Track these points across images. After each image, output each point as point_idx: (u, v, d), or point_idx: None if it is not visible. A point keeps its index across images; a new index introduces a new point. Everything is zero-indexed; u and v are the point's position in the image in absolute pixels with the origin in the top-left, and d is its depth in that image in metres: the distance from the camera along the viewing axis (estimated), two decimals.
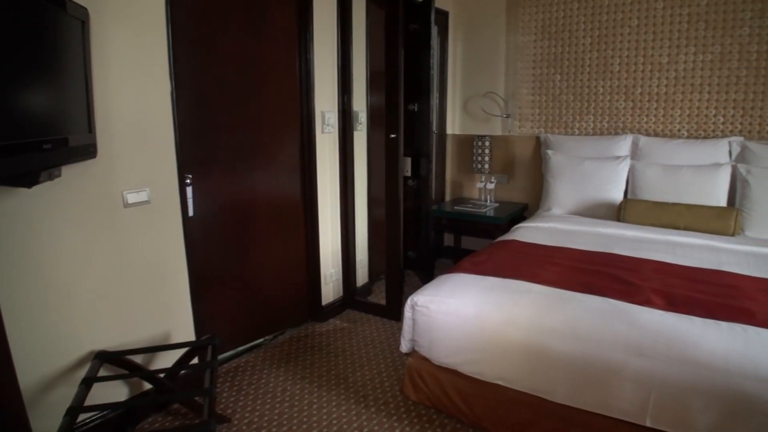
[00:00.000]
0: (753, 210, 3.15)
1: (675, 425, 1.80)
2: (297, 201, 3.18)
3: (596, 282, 2.29)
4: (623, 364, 1.86)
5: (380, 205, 3.41)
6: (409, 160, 3.66)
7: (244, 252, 2.91)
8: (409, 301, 2.33)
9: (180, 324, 2.52)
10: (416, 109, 3.73)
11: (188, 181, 2.50)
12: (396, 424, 2.31)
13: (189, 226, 2.49)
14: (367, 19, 3.45)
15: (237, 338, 2.96)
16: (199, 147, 2.58)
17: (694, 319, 1.96)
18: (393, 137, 3.13)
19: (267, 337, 3.12)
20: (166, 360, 2.40)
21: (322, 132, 3.21)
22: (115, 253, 2.20)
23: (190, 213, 2.52)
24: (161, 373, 2.22)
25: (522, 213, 4.16)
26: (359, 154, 3.54)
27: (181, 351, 2.29)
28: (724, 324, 1.92)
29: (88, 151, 1.90)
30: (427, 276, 3.82)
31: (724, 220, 3.10)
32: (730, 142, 3.41)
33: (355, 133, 3.47)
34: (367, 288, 3.84)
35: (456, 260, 2.71)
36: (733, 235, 3.08)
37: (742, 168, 3.26)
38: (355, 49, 3.35)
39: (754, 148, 3.31)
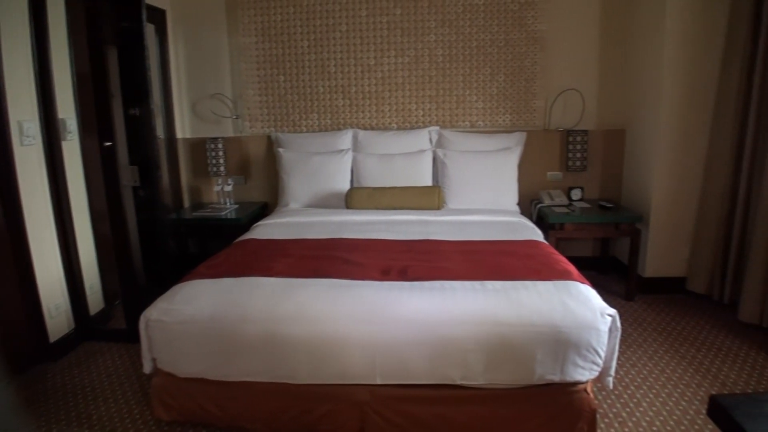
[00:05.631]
0: (451, 186, 3.79)
1: (398, 377, 2.09)
2: None
3: (324, 266, 2.49)
4: (351, 335, 2.07)
5: (107, 221, 3.12)
6: (136, 168, 3.41)
7: None
8: (142, 318, 2.20)
9: None
10: (138, 114, 3.49)
11: None
12: None
13: None
14: (68, 15, 3.10)
15: None
16: None
17: (403, 284, 2.28)
18: (108, 145, 2.88)
19: None
20: None
21: (22, 144, 2.79)
22: None
23: None
24: None
25: (263, 211, 4.24)
26: (73, 167, 3.17)
27: None
28: (426, 283, 2.28)
29: None
30: None
31: (430, 196, 3.66)
32: (429, 131, 4.04)
33: (66, 144, 3.10)
34: (106, 314, 3.49)
35: None
36: (438, 208, 3.66)
37: (440, 152, 3.88)
38: (56, 49, 3.00)
39: (447, 135, 3.98)
